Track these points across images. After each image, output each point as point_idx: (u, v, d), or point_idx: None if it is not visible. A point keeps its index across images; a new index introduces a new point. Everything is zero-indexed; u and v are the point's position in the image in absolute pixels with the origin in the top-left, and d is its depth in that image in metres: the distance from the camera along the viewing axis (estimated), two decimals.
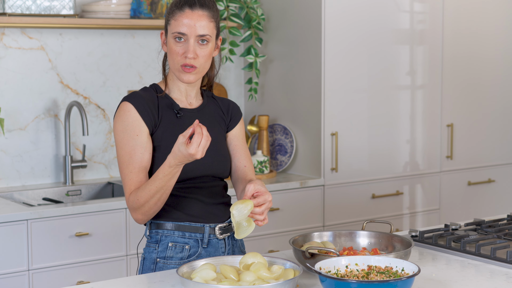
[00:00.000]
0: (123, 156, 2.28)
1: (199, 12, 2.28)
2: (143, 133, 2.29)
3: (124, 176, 2.28)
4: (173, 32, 2.28)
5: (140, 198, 2.22)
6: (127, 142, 2.28)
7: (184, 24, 2.27)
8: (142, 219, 2.28)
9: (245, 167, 2.44)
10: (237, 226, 2.16)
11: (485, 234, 2.67)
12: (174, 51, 2.29)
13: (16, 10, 3.57)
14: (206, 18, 2.29)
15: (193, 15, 2.27)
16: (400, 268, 2.05)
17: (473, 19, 4.54)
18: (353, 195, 4.15)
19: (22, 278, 3.24)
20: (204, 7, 2.29)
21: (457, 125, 4.53)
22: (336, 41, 4.01)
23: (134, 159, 2.27)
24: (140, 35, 4.03)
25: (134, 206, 2.25)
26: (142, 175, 2.28)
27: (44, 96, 3.80)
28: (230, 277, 2.02)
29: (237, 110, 2.50)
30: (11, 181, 3.75)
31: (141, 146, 2.28)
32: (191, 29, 2.27)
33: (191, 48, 2.27)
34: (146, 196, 2.21)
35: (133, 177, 2.27)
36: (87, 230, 3.37)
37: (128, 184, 2.27)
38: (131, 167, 2.27)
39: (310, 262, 2.17)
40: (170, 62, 2.33)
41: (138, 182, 2.27)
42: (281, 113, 4.25)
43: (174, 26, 2.28)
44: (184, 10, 2.28)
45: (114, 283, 2.19)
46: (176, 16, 2.28)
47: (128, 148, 2.28)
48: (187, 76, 2.30)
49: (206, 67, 2.34)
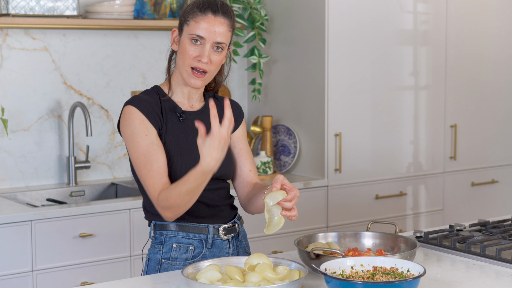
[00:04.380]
0: (138, 159, 2.25)
1: (221, 19, 2.28)
2: (152, 133, 2.27)
3: (144, 177, 2.24)
4: (191, 33, 2.27)
5: (170, 199, 2.17)
6: (139, 144, 2.25)
7: (204, 28, 2.26)
8: (171, 217, 2.23)
9: (251, 171, 2.44)
10: (268, 221, 2.16)
11: (490, 235, 2.66)
12: (187, 52, 2.28)
13: (20, 11, 3.57)
14: (226, 26, 2.29)
15: (215, 21, 2.27)
16: (406, 269, 2.05)
17: (477, 20, 4.53)
18: (356, 195, 4.14)
19: (26, 279, 3.24)
20: (226, 15, 2.29)
21: (460, 126, 4.53)
22: (340, 42, 4.00)
23: (150, 158, 2.23)
24: (143, 36, 4.03)
25: (164, 206, 2.20)
26: (162, 171, 2.23)
27: (47, 97, 3.80)
28: (235, 278, 2.02)
29: (239, 111, 2.50)
30: (14, 182, 3.75)
31: (153, 144, 2.25)
32: (210, 34, 2.26)
33: (206, 53, 2.26)
34: (176, 198, 2.16)
35: (154, 175, 2.22)
36: (91, 231, 3.37)
37: (151, 184, 2.22)
38: (149, 166, 2.23)
39: (315, 263, 2.16)
40: (179, 61, 2.31)
41: (160, 179, 2.22)
42: (284, 114, 4.24)
43: (193, 27, 2.27)
44: (207, 14, 2.27)
45: (118, 284, 2.19)
46: (197, 18, 2.27)
47: (141, 149, 2.25)
48: (196, 80, 2.30)
49: (214, 73, 2.34)
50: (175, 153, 2.29)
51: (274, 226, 2.16)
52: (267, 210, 2.15)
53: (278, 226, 2.16)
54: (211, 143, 2.03)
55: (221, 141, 2.04)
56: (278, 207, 2.16)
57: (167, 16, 4.02)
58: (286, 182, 2.17)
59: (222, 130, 2.03)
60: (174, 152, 2.29)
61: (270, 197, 2.14)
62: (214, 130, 2.02)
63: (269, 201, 2.14)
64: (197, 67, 2.28)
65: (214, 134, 2.02)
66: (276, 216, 2.16)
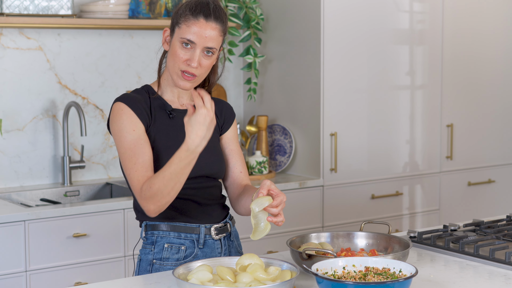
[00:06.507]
0: (125, 153, 2.25)
1: (213, 24, 2.27)
2: (139, 128, 2.27)
3: (129, 170, 2.23)
4: (182, 37, 2.26)
5: (153, 186, 2.15)
6: (125, 138, 2.25)
7: (195, 33, 2.25)
8: (154, 210, 2.19)
9: (241, 173, 2.44)
10: (254, 227, 2.16)
11: (484, 235, 2.66)
12: (177, 56, 2.27)
13: (14, 10, 3.56)
14: (217, 31, 2.28)
15: (206, 27, 2.26)
16: (398, 269, 2.04)
17: (473, 19, 4.52)
18: (352, 195, 4.13)
19: (20, 279, 3.23)
20: (218, 20, 2.28)
21: (457, 125, 4.52)
22: (336, 41, 4.00)
23: (135, 152, 2.23)
24: (138, 35, 4.02)
25: (146, 195, 2.17)
26: (147, 165, 2.23)
27: (42, 97, 3.79)
28: (226, 278, 2.01)
29: (230, 112, 2.49)
30: (9, 182, 3.74)
31: (140, 138, 2.25)
32: (200, 39, 2.25)
33: (196, 57, 2.26)
34: (160, 183, 2.14)
35: (139, 168, 2.22)
36: (85, 231, 3.36)
37: (135, 177, 2.22)
38: (134, 160, 2.23)
39: (307, 264, 2.15)
40: (170, 63, 2.31)
41: (144, 172, 2.21)
42: (280, 114, 4.24)
43: (184, 31, 2.26)
44: (199, 19, 2.26)
45: (110, 284, 2.18)
46: (189, 22, 2.26)
47: (127, 143, 2.25)
48: (185, 83, 2.29)
49: (204, 76, 2.33)
50: (164, 150, 2.29)
51: (260, 232, 2.16)
52: (253, 216, 2.15)
53: (264, 232, 2.16)
54: (196, 119, 2.06)
55: (206, 117, 2.06)
56: (265, 213, 2.16)
57: (162, 16, 4.01)
58: (273, 188, 2.16)
59: (207, 105, 2.07)
60: (163, 149, 2.29)
61: (256, 203, 2.14)
62: (198, 106, 2.06)
63: (255, 207, 2.14)
64: (187, 70, 2.27)
65: (199, 110, 2.05)
66: (262, 222, 2.16)
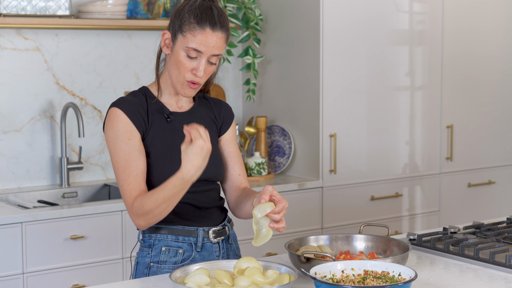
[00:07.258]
0: (118, 162, 2.24)
1: (219, 34, 2.24)
2: (135, 137, 2.25)
3: (122, 182, 2.23)
4: (188, 46, 2.22)
5: (145, 206, 2.16)
6: (120, 148, 2.23)
7: (201, 43, 2.22)
8: (144, 226, 2.22)
9: (240, 175, 2.42)
10: (256, 233, 2.14)
11: (484, 238, 2.64)
12: (183, 65, 2.24)
13: (11, 11, 3.54)
14: (222, 40, 2.26)
15: (213, 36, 2.23)
16: (397, 273, 2.02)
17: (473, 20, 4.51)
18: (351, 197, 4.11)
19: (17, 281, 3.21)
20: (223, 28, 2.25)
21: (457, 126, 4.50)
22: (335, 42, 3.98)
23: (130, 163, 2.22)
24: (137, 36, 4.00)
25: (138, 213, 2.18)
26: (140, 178, 2.23)
27: (40, 98, 3.77)
28: (224, 282, 1.99)
29: (229, 113, 2.47)
30: (6, 183, 3.72)
31: (135, 149, 2.24)
32: (207, 49, 2.23)
33: (201, 67, 2.24)
34: (152, 205, 2.15)
35: (132, 181, 2.22)
36: (83, 233, 3.34)
37: (127, 190, 2.22)
38: (128, 172, 2.22)
39: (305, 267, 2.13)
40: (173, 72, 2.27)
41: (137, 186, 2.21)
42: (279, 115, 4.22)
43: (190, 40, 2.22)
44: (205, 29, 2.22)
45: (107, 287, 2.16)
46: (194, 31, 2.22)
47: (122, 153, 2.23)
48: (190, 91, 2.28)
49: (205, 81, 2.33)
50: (161, 154, 2.27)
51: (262, 238, 2.15)
52: (255, 222, 2.14)
53: (266, 238, 2.14)
54: (193, 150, 2.03)
55: (203, 148, 2.03)
56: (266, 219, 2.14)
57: (161, 16, 4.00)
58: (275, 193, 2.15)
59: (203, 136, 2.03)
60: (160, 153, 2.27)
61: (258, 209, 2.12)
62: (195, 137, 2.02)
63: (257, 213, 2.12)
64: (192, 80, 2.26)
65: (196, 141, 2.02)
66: (264, 228, 2.14)
